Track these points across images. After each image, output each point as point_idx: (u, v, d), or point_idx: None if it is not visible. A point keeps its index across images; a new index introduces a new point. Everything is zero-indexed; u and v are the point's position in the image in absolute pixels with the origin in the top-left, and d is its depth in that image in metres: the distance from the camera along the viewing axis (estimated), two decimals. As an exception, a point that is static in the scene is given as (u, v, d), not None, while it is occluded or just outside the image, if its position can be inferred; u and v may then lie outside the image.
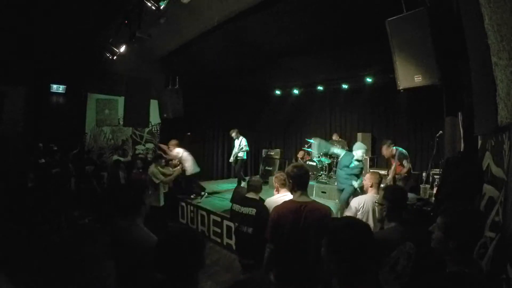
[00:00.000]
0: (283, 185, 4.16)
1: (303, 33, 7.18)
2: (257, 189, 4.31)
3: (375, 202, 2.83)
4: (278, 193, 4.28)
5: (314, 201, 3.23)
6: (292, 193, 3.23)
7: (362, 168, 6.62)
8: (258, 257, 3.80)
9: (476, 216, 2.06)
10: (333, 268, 1.58)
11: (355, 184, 6.37)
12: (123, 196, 3.19)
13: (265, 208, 3.98)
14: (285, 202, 3.29)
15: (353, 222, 1.69)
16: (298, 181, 3.14)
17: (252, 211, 4.04)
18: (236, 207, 4.28)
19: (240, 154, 9.86)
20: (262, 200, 4.27)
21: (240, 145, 9.81)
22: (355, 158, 6.52)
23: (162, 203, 6.82)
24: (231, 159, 10.13)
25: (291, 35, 7.28)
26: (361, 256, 1.54)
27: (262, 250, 3.61)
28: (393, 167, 6.57)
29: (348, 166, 6.60)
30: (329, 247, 1.61)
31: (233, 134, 10.02)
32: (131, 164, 8.72)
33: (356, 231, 1.58)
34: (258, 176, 4.58)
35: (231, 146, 10.68)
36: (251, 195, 4.29)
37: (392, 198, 2.76)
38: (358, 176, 6.48)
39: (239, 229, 4.17)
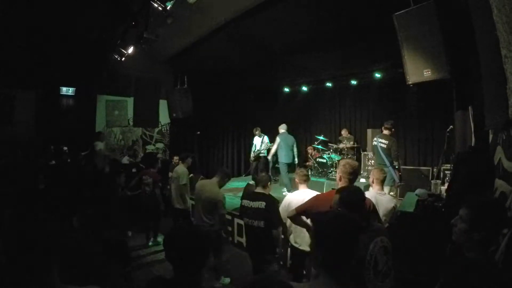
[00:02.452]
0: (305, 181, 4.33)
1: (310, 30, 7.15)
2: (265, 183, 4.32)
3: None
4: (298, 189, 4.43)
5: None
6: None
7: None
8: (270, 252, 4.10)
9: (501, 208, 2.01)
10: (319, 259, 1.61)
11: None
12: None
13: (274, 201, 4.18)
14: (330, 191, 3.45)
15: (341, 215, 1.75)
16: (347, 175, 3.31)
17: (261, 204, 4.08)
18: (246, 202, 4.31)
19: (263, 152, 10.16)
20: (271, 196, 4.31)
21: (263, 142, 10.15)
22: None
23: (189, 205, 6.72)
24: (251, 157, 10.41)
25: (298, 32, 7.26)
26: (345, 249, 1.59)
27: (273, 245, 4.04)
28: None
29: None
30: (316, 239, 1.65)
31: (257, 132, 10.31)
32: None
33: (342, 224, 1.62)
34: (264, 172, 4.79)
35: (249, 144, 11.09)
36: (259, 189, 4.31)
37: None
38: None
39: (250, 224, 4.19)
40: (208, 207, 4.86)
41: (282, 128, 9.10)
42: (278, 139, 8.91)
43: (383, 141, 6.97)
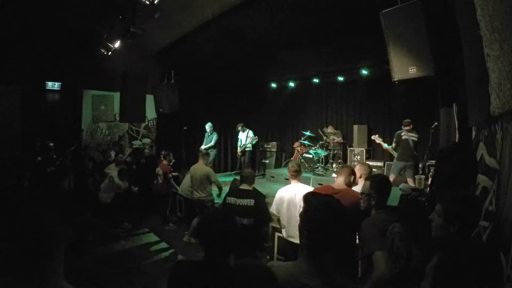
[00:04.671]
0: (295, 176, 4.27)
1: (298, 26, 7.16)
2: (250, 180, 4.25)
3: (361, 192, 2.95)
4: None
5: (348, 188, 3.65)
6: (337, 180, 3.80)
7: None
8: (260, 248, 4.20)
9: (475, 201, 2.12)
10: (304, 241, 1.65)
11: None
12: None
13: (262, 198, 4.20)
14: (323, 186, 3.88)
15: (330, 201, 1.75)
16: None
17: (250, 202, 4.00)
18: (231, 199, 4.17)
19: (248, 146, 10.34)
20: (257, 191, 4.30)
21: (248, 137, 10.31)
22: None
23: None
24: (238, 152, 10.64)
25: (286, 28, 7.26)
26: (331, 233, 1.60)
27: (262, 241, 4.10)
28: None
29: None
30: (304, 222, 1.68)
31: (239, 128, 10.54)
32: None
33: (331, 209, 1.64)
34: (250, 168, 4.74)
35: (235, 140, 11.35)
36: (245, 186, 4.24)
37: (380, 187, 2.83)
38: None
39: (239, 222, 4.00)
40: (202, 182, 6.33)
41: (211, 126, 10.35)
42: (217, 137, 10.27)
43: (414, 135, 7.23)
